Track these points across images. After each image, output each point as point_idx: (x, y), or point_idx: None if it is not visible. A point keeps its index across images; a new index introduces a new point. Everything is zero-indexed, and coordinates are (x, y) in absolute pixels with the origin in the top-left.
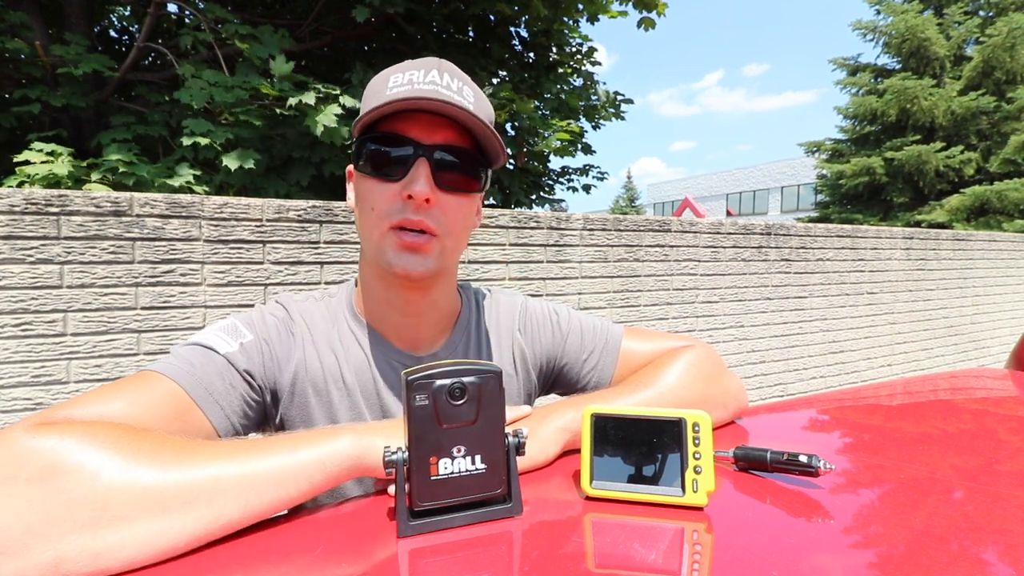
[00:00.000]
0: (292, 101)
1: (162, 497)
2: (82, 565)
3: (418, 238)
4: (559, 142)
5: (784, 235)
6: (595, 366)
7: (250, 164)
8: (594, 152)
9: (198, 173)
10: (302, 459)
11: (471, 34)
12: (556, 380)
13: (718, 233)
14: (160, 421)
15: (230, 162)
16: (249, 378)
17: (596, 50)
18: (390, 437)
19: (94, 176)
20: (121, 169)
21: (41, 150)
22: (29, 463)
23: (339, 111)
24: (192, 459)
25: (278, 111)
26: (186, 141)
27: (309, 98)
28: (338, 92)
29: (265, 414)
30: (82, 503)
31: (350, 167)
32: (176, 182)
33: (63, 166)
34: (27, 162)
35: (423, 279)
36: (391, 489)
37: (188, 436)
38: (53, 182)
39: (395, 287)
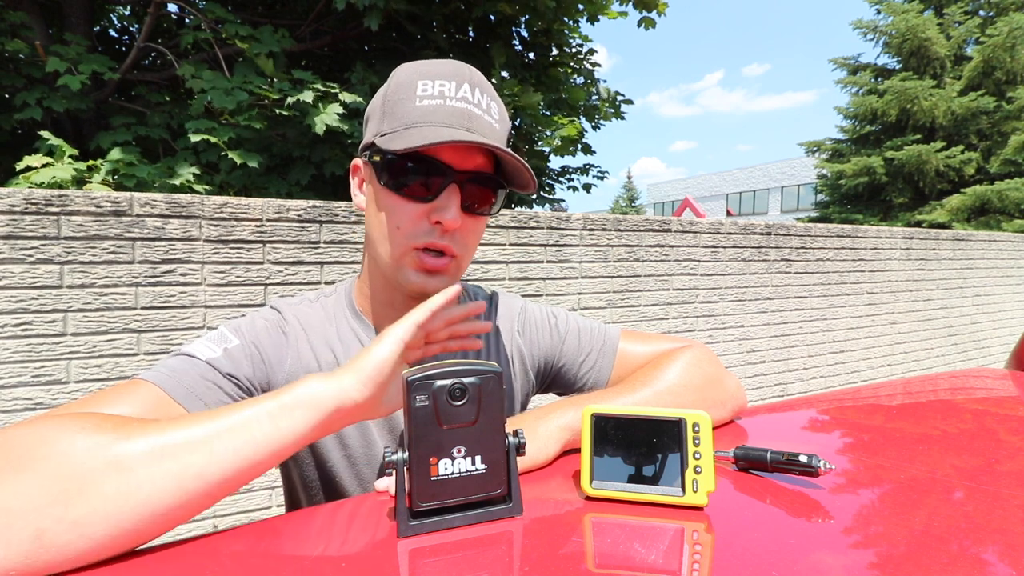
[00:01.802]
0: (290, 100)
1: (127, 459)
2: (62, 533)
3: (439, 260)
4: (560, 140)
5: (784, 235)
6: (592, 367)
7: (254, 163)
8: (594, 152)
9: (198, 172)
10: (267, 407)
11: (471, 34)
12: (554, 380)
13: (718, 233)
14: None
15: (236, 157)
16: (234, 380)
17: (596, 51)
18: (357, 376)
19: (95, 179)
20: (122, 171)
21: (38, 150)
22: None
23: (340, 110)
24: (158, 425)
25: (278, 111)
26: (193, 138)
27: (307, 96)
28: (337, 90)
29: None
30: (53, 478)
31: (356, 162)
32: (176, 180)
33: (65, 169)
34: (28, 168)
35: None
36: (390, 488)
37: None
38: (56, 186)
39: (403, 295)
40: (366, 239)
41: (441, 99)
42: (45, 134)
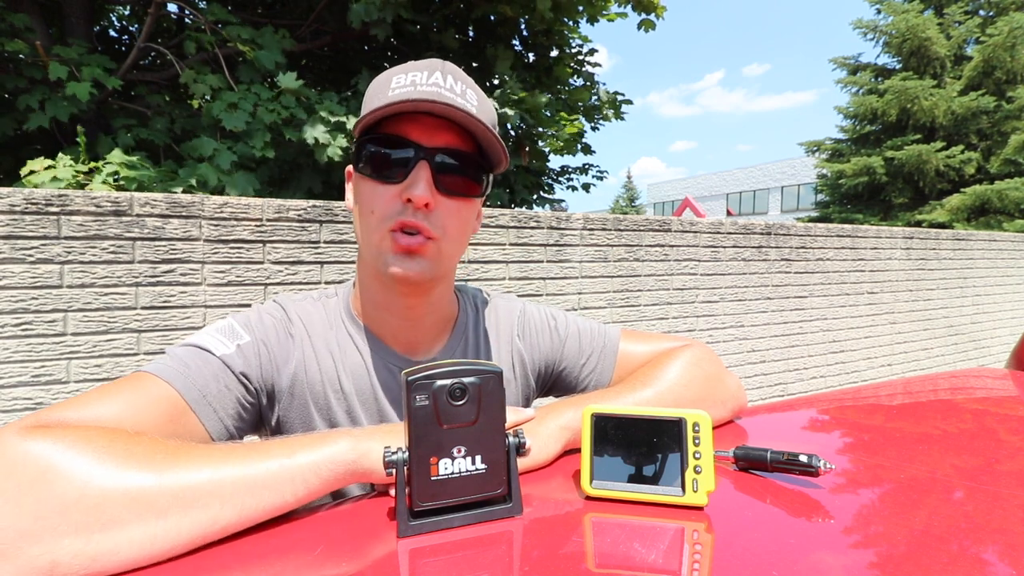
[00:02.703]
0: (308, 138)
1: (156, 501)
2: (78, 568)
3: (414, 240)
4: (569, 136)
5: (784, 235)
6: (594, 369)
7: (251, 192)
8: (594, 152)
9: (198, 181)
10: (299, 463)
11: (471, 35)
12: (555, 384)
13: (718, 233)
14: (154, 424)
15: (233, 189)
16: (245, 380)
17: (596, 51)
18: (387, 442)
19: (97, 180)
20: (123, 174)
21: (40, 151)
22: (22, 466)
23: (344, 144)
24: (187, 463)
25: (288, 136)
26: (202, 175)
27: (320, 134)
28: (345, 119)
29: (260, 416)
30: (75, 507)
31: (349, 168)
32: (178, 187)
33: (66, 171)
34: (32, 172)
35: (421, 283)
36: (391, 490)
37: (182, 439)
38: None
39: (393, 290)
40: (357, 239)
41: (412, 86)
42: (51, 160)
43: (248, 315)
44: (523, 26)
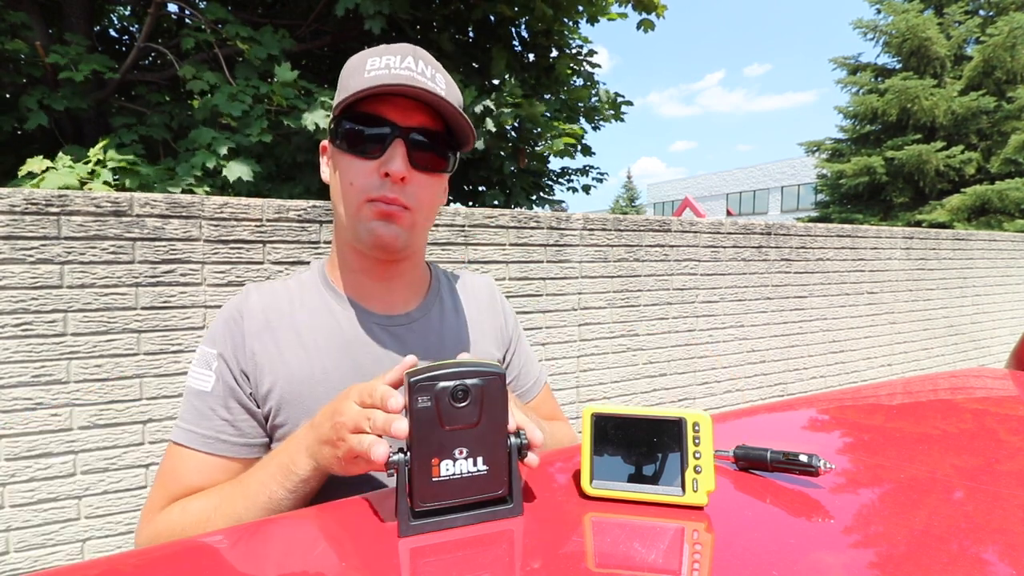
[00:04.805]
0: (307, 124)
1: (210, 517)
2: (209, 523)
3: (392, 208)
4: (564, 145)
5: (784, 235)
6: (529, 373)
7: (249, 176)
8: (593, 154)
9: (199, 174)
10: (277, 478)
11: (471, 35)
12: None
13: (718, 233)
14: (204, 484)
15: (230, 174)
16: (237, 394)
17: (596, 52)
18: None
19: (96, 181)
20: (125, 168)
21: (40, 151)
22: (156, 529)
23: None
24: (210, 497)
25: (286, 122)
26: (197, 161)
27: (320, 118)
28: None
29: (259, 403)
30: (194, 525)
31: (324, 142)
32: (177, 188)
33: (71, 175)
34: (31, 174)
35: (396, 248)
36: (392, 482)
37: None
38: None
39: (369, 256)
40: (333, 210)
41: (386, 69)
42: (49, 161)
43: (212, 329)
44: (523, 27)
